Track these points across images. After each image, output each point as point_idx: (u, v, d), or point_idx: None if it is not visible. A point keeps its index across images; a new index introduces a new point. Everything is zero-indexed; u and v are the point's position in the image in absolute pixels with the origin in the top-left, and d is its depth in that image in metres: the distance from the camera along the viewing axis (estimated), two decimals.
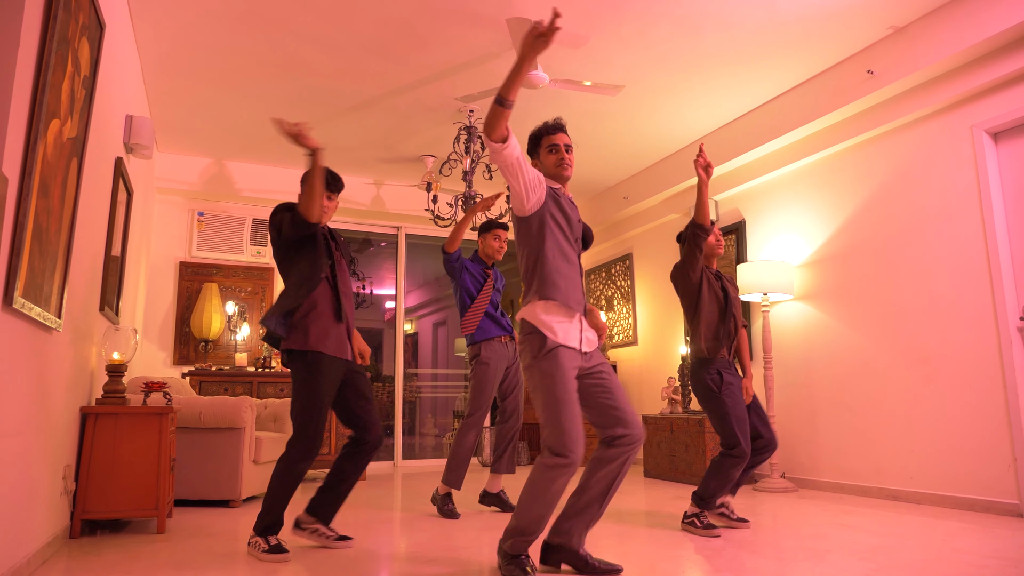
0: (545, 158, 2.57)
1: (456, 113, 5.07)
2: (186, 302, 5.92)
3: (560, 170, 2.54)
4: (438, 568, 2.55)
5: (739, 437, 3.20)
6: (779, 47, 4.20)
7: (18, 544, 2.31)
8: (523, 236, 2.50)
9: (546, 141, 2.57)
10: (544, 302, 2.39)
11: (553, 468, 2.28)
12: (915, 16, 3.88)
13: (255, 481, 4.23)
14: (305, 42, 4.10)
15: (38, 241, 2.20)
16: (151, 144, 4.00)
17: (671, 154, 5.95)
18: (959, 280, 3.87)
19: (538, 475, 2.31)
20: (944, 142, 4.02)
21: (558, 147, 2.54)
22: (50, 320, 2.41)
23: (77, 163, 2.60)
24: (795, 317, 4.97)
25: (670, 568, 2.54)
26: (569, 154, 2.56)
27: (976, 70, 3.75)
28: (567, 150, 2.55)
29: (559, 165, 2.54)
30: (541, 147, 2.58)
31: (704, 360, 3.37)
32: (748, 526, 3.31)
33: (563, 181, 2.57)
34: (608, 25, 3.93)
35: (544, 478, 2.30)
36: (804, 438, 4.80)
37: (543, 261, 2.42)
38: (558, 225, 2.47)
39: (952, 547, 2.81)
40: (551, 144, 2.56)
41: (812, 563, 2.57)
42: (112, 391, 3.33)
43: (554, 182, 2.55)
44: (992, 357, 3.67)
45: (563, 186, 2.58)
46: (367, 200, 6.57)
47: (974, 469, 3.71)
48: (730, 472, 3.20)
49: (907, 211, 4.21)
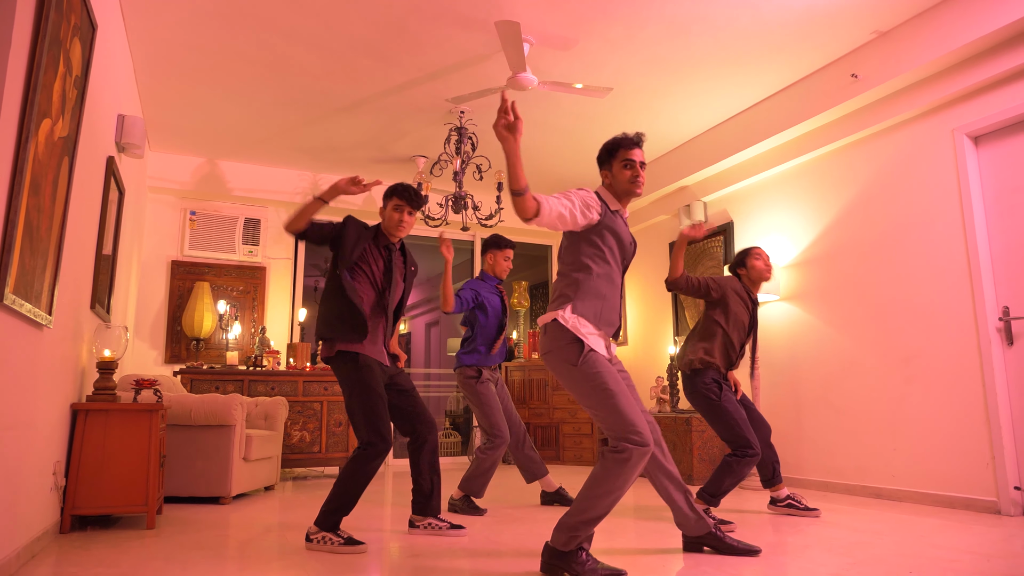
0: (619, 172, 2.50)
1: (447, 114, 5.11)
2: (178, 301, 5.94)
3: (632, 187, 2.50)
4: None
5: (749, 439, 3.31)
6: (766, 50, 4.26)
7: (8, 538, 2.34)
8: (571, 245, 2.48)
9: (622, 155, 2.50)
10: (577, 316, 2.38)
11: (629, 456, 2.24)
12: (898, 21, 3.95)
13: (245, 478, 4.26)
14: (296, 43, 4.14)
15: (29, 239, 2.23)
16: (143, 143, 4.03)
17: (660, 156, 6.01)
18: (940, 281, 3.94)
19: (613, 467, 2.26)
20: (926, 145, 4.08)
21: (634, 163, 2.49)
22: (41, 317, 2.44)
23: (69, 162, 2.63)
24: (782, 317, 5.03)
25: (656, 561, 2.59)
26: (643, 170, 2.53)
27: (957, 74, 3.82)
28: (642, 167, 2.52)
29: (632, 182, 2.49)
30: (615, 160, 2.52)
31: (699, 371, 3.45)
32: (733, 528, 3.34)
33: (630, 198, 2.54)
34: (597, 27, 3.98)
35: (622, 469, 2.25)
36: (790, 437, 4.86)
37: (586, 280, 2.41)
38: (609, 248, 2.43)
39: (928, 542, 2.87)
40: (627, 159, 2.50)
41: (791, 557, 2.62)
42: (103, 388, 3.36)
43: (616, 201, 2.52)
44: (972, 357, 3.73)
45: (623, 206, 2.55)
46: (359, 200, 6.60)
47: (954, 467, 3.78)
48: (744, 471, 3.34)
49: (890, 213, 4.27)
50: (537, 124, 5.30)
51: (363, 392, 2.85)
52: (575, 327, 2.35)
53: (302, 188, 6.39)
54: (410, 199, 3.11)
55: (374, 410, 2.84)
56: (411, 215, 3.12)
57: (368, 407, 2.83)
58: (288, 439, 5.39)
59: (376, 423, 2.82)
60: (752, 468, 3.36)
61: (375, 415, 2.83)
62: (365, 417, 2.83)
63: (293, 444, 5.40)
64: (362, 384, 2.86)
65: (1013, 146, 3.70)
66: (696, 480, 4.93)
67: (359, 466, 2.79)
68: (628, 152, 2.50)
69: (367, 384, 2.86)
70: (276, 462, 4.84)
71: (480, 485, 3.76)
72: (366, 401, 2.84)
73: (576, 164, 6.23)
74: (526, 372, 6.86)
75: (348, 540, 2.77)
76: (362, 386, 2.86)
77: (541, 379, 6.72)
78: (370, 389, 2.86)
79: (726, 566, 2.49)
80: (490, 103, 4.91)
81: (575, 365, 2.32)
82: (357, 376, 2.87)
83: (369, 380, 2.87)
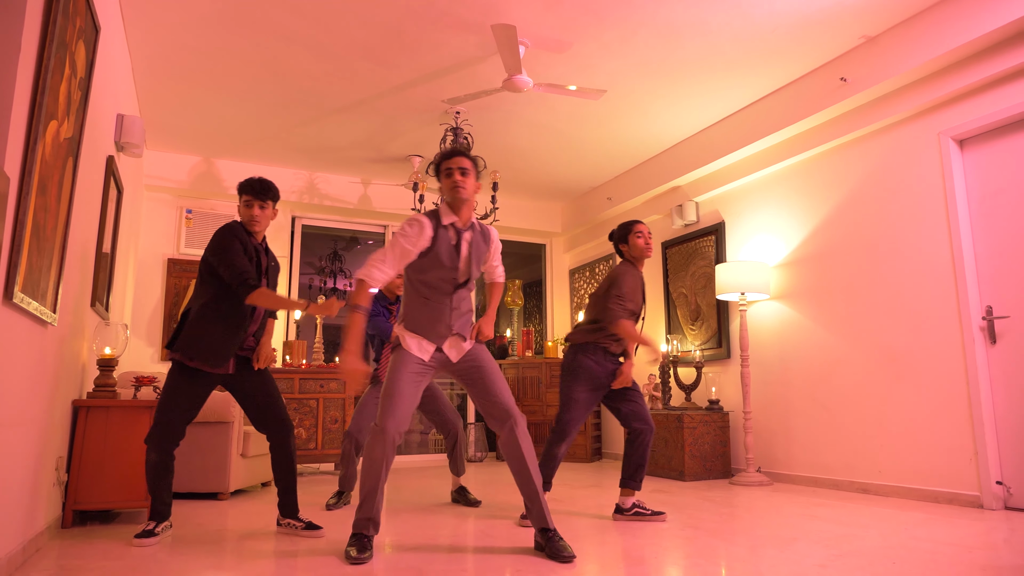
0: (443, 182, 2.78)
1: (443, 115, 5.16)
2: (174, 299, 5.97)
3: (454, 192, 2.73)
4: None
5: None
6: (756, 55, 4.33)
7: (16, 532, 2.38)
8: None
9: (444, 166, 2.78)
10: (402, 327, 2.78)
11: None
12: (886, 26, 4.03)
13: (243, 474, 4.31)
14: (293, 45, 4.18)
15: (36, 238, 2.28)
16: (141, 143, 4.07)
17: (653, 156, 6.08)
18: (926, 281, 4.03)
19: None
20: (913, 148, 4.17)
21: (452, 170, 2.75)
22: (46, 315, 2.48)
23: (73, 162, 2.68)
24: (771, 316, 5.11)
25: (647, 555, 2.66)
26: (465, 177, 2.74)
27: (943, 79, 3.91)
28: (462, 173, 2.74)
29: (452, 188, 2.74)
30: (440, 173, 2.80)
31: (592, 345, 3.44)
32: (664, 518, 3.36)
33: (459, 204, 2.74)
34: (591, 31, 4.04)
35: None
36: (779, 434, 4.95)
37: (409, 294, 2.80)
38: (431, 263, 2.72)
39: (912, 535, 2.96)
40: (447, 168, 2.78)
41: (779, 550, 2.70)
42: (103, 385, 3.41)
43: (450, 213, 2.74)
44: (956, 355, 3.82)
45: (459, 215, 2.74)
46: (354, 199, 6.65)
47: (938, 463, 3.87)
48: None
49: (878, 214, 4.36)
50: (531, 126, 5.36)
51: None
52: (400, 332, 2.74)
53: (298, 187, 6.43)
54: (255, 191, 3.02)
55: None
56: (262, 208, 3.04)
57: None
58: None
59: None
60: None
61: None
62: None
63: None
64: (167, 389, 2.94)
65: (997, 149, 3.79)
66: (687, 476, 5.01)
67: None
68: (446, 163, 2.73)
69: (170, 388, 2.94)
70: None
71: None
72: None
73: (569, 165, 6.29)
74: (520, 370, 6.93)
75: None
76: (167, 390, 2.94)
77: (534, 377, 6.79)
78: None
79: (716, 558, 2.57)
80: (485, 104, 4.97)
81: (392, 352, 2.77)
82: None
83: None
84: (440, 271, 2.67)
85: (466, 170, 2.70)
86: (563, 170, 6.45)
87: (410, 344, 2.70)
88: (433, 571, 2.38)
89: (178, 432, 2.90)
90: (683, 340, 5.96)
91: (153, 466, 2.88)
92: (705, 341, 5.71)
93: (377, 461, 2.58)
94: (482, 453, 6.87)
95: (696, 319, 5.85)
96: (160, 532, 2.92)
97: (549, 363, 6.80)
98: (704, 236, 5.81)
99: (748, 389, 4.93)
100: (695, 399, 5.73)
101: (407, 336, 2.73)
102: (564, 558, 2.51)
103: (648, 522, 3.32)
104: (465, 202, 2.70)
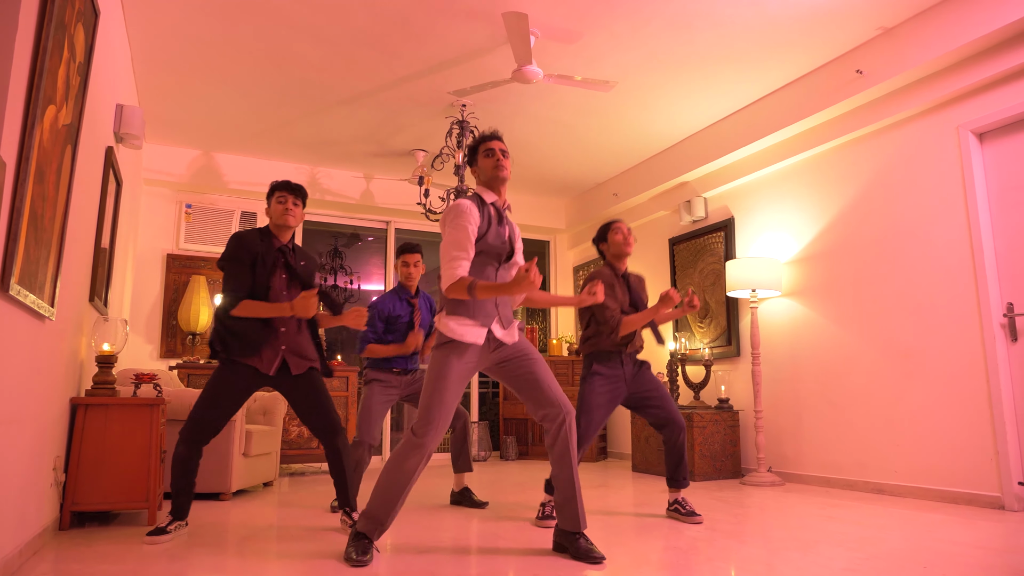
0: (483, 162, 2.73)
1: (448, 107, 5.07)
2: (173, 295, 5.87)
3: (497, 172, 2.69)
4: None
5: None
6: (769, 46, 4.24)
7: (14, 534, 2.29)
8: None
9: (483, 147, 2.72)
10: (449, 318, 2.59)
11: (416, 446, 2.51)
12: (904, 17, 3.94)
13: (245, 474, 4.21)
14: (298, 34, 4.08)
15: (34, 228, 2.18)
16: (141, 134, 3.97)
17: (661, 151, 5.99)
18: (943, 278, 3.95)
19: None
20: (930, 142, 4.09)
21: (494, 151, 2.71)
22: (44, 308, 2.39)
23: (72, 151, 2.58)
24: (783, 313, 5.03)
25: (664, 558, 2.58)
26: (505, 158, 2.71)
27: (963, 71, 3.82)
28: (504, 155, 2.71)
29: (496, 167, 2.69)
30: (479, 153, 2.73)
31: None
32: (699, 520, 3.30)
33: (500, 184, 2.70)
34: (602, 21, 3.95)
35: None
36: (790, 433, 4.87)
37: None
38: (480, 245, 2.64)
39: (935, 537, 2.87)
40: (488, 149, 2.72)
41: (800, 552, 2.61)
42: (102, 382, 3.31)
43: (490, 192, 2.69)
44: (975, 353, 3.74)
45: (499, 194, 2.70)
46: (356, 194, 6.55)
47: (956, 463, 3.79)
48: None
49: (893, 209, 4.28)
50: (538, 120, 5.27)
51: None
52: (444, 326, 2.54)
53: (299, 182, 6.31)
54: (289, 187, 3.12)
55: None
56: (295, 205, 3.11)
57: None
58: (286, 435, 5.34)
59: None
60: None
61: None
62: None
63: (291, 440, 5.36)
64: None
65: (1018, 143, 3.70)
66: (697, 476, 4.92)
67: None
68: (487, 144, 2.69)
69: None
70: (275, 458, 4.80)
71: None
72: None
73: (575, 160, 6.20)
74: None
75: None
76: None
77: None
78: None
79: (734, 561, 2.48)
80: (492, 96, 4.87)
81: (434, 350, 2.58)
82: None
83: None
84: (488, 249, 2.59)
85: (506, 152, 2.70)
86: (569, 165, 6.36)
87: (463, 333, 2.51)
88: (445, 574, 2.29)
89: (211, 429, 2.92)
90: (691, 338, 5.87)
91: (180, 461, 2.88)
92: (714, 339, 5.62)
93: (409, 473, 2.45)
94: (486, 452, 6.77)
95: (705, 316, 5.76)
96: (173, 531, 2.86)
97: (553, 361, 6.70)
98: (713, 232, 5.72)
99: (759, 387, 4.85)
100: (704, 398, 5.65)
101: (455, 324, 2.53)
102: (594, 559, 2.45)
103: (682, 521, 3.29)
104: (505, 182, 2.69)
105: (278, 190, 3.11)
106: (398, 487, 2.46)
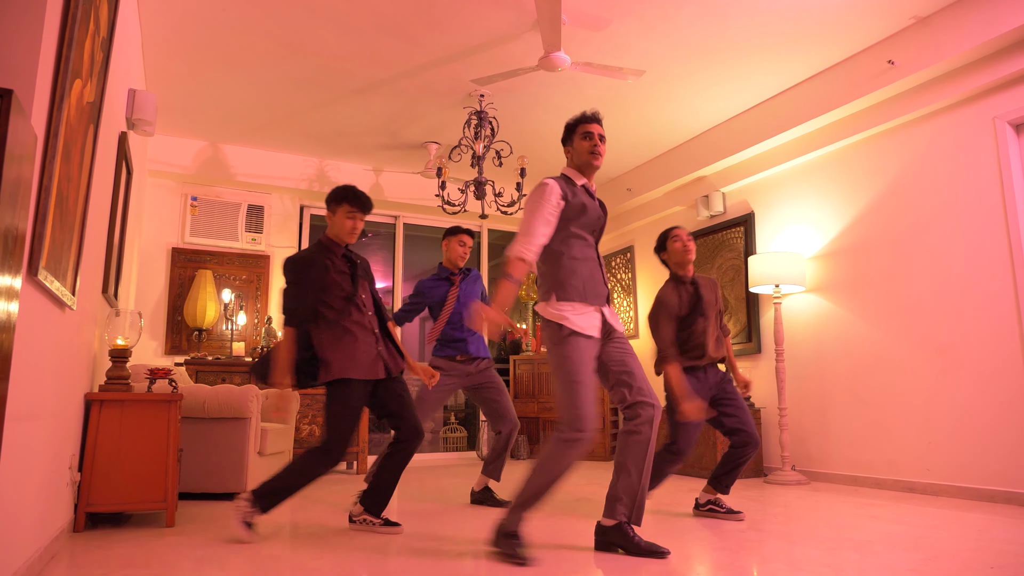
0: (578, 144, 2.67)
1: (465, 97, 4.94)
2: (178, 290, 5.71)
3: (591, 158, 2.63)
4: None
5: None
6: (801, 36, 4.15)
7: (33, 537, 2.14)
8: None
9: (582, 128, 2.65)
10: (561, 304, 2.50)
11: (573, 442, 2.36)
12: (939, 6, 3.86)
13: (261, 473, 4.06)
14: (316, 18, 3.95)
15: (59, 210, 2.04)
16: (154, 120, 3.80)
17: (678, 145, 5.89)
18: (979, 271, 3.86)
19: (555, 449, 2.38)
20: (964, 133, 4.00)
21: (592, 135, 2.65)
22: (66, 296, 2.25)
23: (94, 131, 2.44)
24: (807, 309, 4.94)
25: (721, 557, 2.47)
26: (603, 143, 2.64)
27: (999, 61, 3.74)
28: (601, 140, 2.65)
29: (591, 153, 2.63)
30: (576, 134, 2.66)
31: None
32: (742, 518, 3.27)
33: (592, 170, 2.65)
34: (632, 7, 3.84)
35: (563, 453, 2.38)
36: (815, 431, 4.78)
37: (562, 264, 2.57)
38: (578, 225, 2.61)
39: (989, 537, 2.78)
40: (586, 131, 2.65)
41: (858, 553, 2.51)
42: (116, 377, 3.15)
43: (579, 175, 2.66)
44: (1014, 348, 3.66)
45: (588, 178, 2.67)
46: (365, 187, 6.37)
47: (995, 461, 3.70)
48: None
49: (925, 203, 4.19)
50: (558, 109, 5.15)
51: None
52: (559, 316, 2.43)
53: (308, 175, 6.18)
54: (361, 205, 2.93)
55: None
56: (362, 221, 2.95)
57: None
58: (296, 433, 5.19)
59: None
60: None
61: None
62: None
63: (302, 438, 5.21)
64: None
65: None
66: None
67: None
68: (587, 126, 2.60)
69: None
70: (288, 456, 4.65)
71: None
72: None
73: None
74: (535, 366, 6.73)
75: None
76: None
77: (549, 373, 6.57)
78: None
79: (792, 561, 2.37)
80: (512, 87, 4.75)
81: (556, 346, 2.45)
82: None
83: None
84: (587, 221, 2.54)
85: (604, 137, 2.63)
86: None
87: (580, 324, 2.41)
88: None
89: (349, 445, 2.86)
90: None
91: (315, 477, 2.79)
92: (734, 336, 5.52)
93: (563, 471, 2.36)
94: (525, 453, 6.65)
95: (724, 312, 5.66)
96: (254, 527, 2.79)
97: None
98: (732, 227, 5.63)
99: (783, 384, 4.75)
100: None
101: (569, 312, 2.43)
102: (659, 553, 2.41)
103: (720, 519, 3.25)
104: (596, 169, 2.63)
105: (349, 204, 2.86)
106: (547, 482, 2.38)
